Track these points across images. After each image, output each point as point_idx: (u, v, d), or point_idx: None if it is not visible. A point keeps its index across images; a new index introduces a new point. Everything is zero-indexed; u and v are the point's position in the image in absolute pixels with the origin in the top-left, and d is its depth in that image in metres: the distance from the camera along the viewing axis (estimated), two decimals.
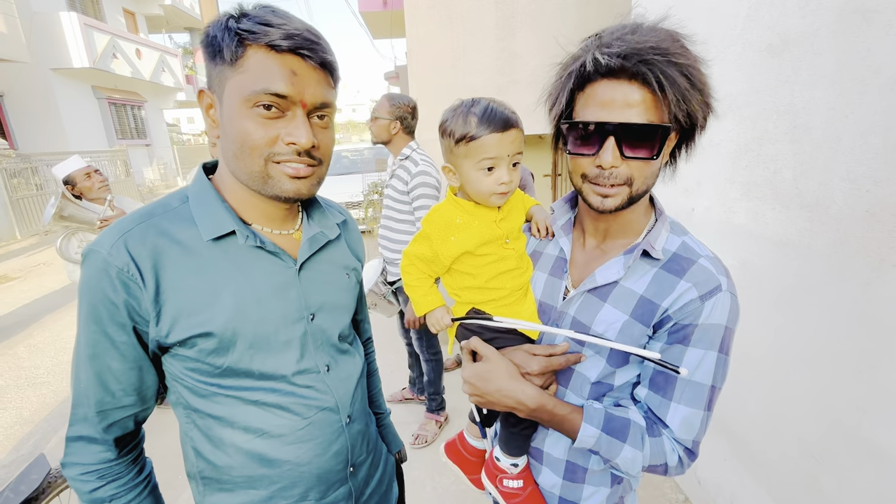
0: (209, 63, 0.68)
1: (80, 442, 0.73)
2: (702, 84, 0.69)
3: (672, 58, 0.66)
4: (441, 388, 2.72)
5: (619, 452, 0.76)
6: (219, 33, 0.65)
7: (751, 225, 1.63)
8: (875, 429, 1.22)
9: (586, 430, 0.77)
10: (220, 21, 0.66)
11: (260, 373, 0.76)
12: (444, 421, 2.77)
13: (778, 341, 1.52)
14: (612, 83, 0.70)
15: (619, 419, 0.78)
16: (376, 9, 7.04)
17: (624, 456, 0.76)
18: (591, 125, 0.71)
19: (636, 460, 0.76)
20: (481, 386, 0.81)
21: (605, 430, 0.77)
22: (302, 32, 0.65)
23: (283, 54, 0.65)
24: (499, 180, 0.82)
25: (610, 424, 0.77)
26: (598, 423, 0.77)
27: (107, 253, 0.67)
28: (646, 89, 0.68)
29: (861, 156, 1.22)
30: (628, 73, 0.68)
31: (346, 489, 0.88)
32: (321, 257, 0.84)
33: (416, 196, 2.21)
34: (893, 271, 1.16)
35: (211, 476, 0.80)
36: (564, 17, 3.34)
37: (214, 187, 0.76)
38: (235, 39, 0.64)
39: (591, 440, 0.77)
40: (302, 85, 0.66)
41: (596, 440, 0.76)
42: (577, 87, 0.75)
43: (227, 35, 0.64)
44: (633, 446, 0.76)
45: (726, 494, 1.86)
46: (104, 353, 0.70)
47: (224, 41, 0.64)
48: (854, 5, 1.21)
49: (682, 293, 0.74)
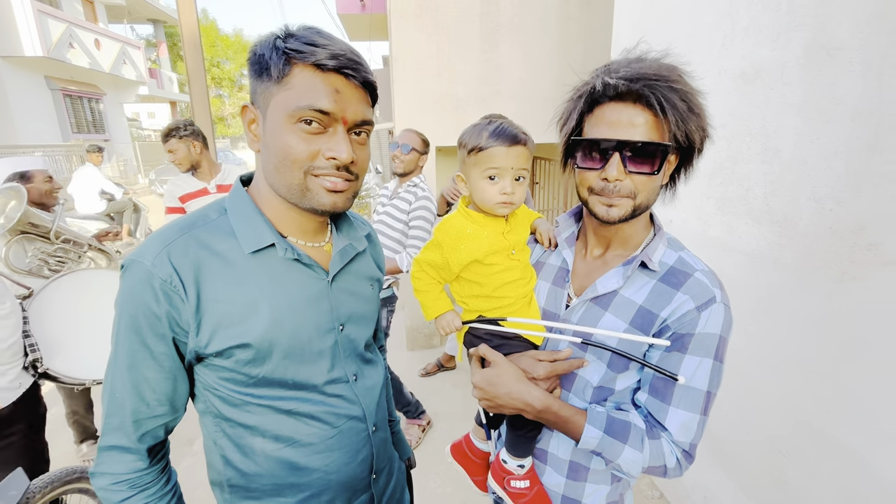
0: (255, 80, 0.70)
1: (114, 451, 0.73)
2: (699, 109, 0.77)
3: (672, 84, 0.74)
4: (408, 398, 2.73)
5: (621, 453, 0.81)
6: (266, 52, 0.67)
7: (725, 237, 1.76)
8: (838, 427, 1.34)
9: (589, 431, 0.81)
10: (267, 41, 0.68)
11: (293, 382, 0.77)
12: (427, 425, 2.79)
13: (749, 347, 1.64)
14: (618, 105, 0.77)
15: (621, 422, 0.83)
16: (355, 12, 7.01)
17: (625, 457, 0.81)
18: (600, 142, 0.78)
19: (636, 461, 0.81)
20: (491, 390, 0.85)
21: (608, 431, 0.81)
22: (346, 53, 0.68)
23: (328, 73, 0.67)
24: (502, 190, 0.88)
25: (612, 427, 0.82)
26: (600, 425, 0.82)
27: (150, 264, 0.67)
28: (649, 112, 0.75)
29: (825, 178, 1.34)
30: (633, 96, 0.75)
31: (369, 495, 0.90)
32: (349, 269, 0.86)
33: (414, 217, 2.35)
34: (853, 283, 1.28)
35: (239, 484, 0.81)
36: (545, 32, 3.46)
37: (252, 199, 0.77)
38: (283, 58, 0.66)
39: (594, 441, 0.81)
40: (344, 102, 0.69)
41: (598, 441, 0.81)
42: (586, 109, 0.82)
43: (274, 54, 0.66)
44: (634, 448, 0.81)
45: (700, 490, 1.97)
46: (142, 363, 0.70)
47: (272, 59, 0.66)
48: (820, 42, 1.34)
49: (680, 304, 0.81)
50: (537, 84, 3.53)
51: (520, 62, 3.47)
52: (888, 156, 1.17)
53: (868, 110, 1.22)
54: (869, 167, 1.22)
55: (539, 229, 1.00)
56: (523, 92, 3.53)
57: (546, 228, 1.00)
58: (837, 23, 1.29)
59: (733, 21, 1.65)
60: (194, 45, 4.04)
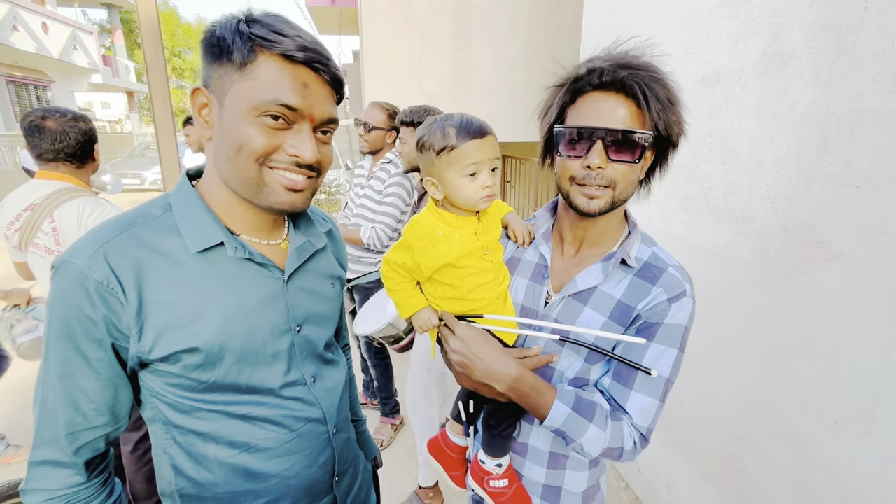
0: (210, 63, 0.66)
1: (46, 466, 0.68)
2: (677, 101, 0.80)
3: (655, 74, 0.77)
4: (393, 391, 2.73)
5: (585, 432, 0.82)
6: (228, 35, 0.63)
7: (687, 235, 1.82)
8: (790, 416, 1.42)
9: (558, 407, 0.82)
10: (229, 23, 0.64)
11: (247, 386, 0.74)
12: (400, 424, 2.77)
13: (707, 339, 1.71)
14: (601, 94, 0.79)
15: (588, 401, 0.85)
16: (324, 4, 6.86)
17: (588, 435, 0.82)
18: (583, 129, 0.79)
19: (599, 440, 0.83)
20: (468, 353, 0.85)
21: (575, 409, 0.83)
22: (315, 46, 0.65)
23: (297, 66, 0.64)
24: (483, 184, 0.86)
25: (580, 405, 0.83)
26: (569, 402, 0.83)
27: (84, 265, 0.62)
28: (631, 102, 0.77)
29: (779, 178, 1.42)
30: (616, 86, 0.77)
31: (331, 498, 0.88)
32: (307, 267, 0.83)
33: (387, 194, 2.33)
34: (803, 279, 1.36)
35: (191, 493, 0.77)
36: (516, 31, 3.49)
37: (199, 195, 0.73)
38: (248, 44, 0.63)
39: (562, 418, 0.82)
40: (312, 99, 0.66)
41: (566, 418, 0.82)
42: (569, 100, 0.83)
43: (238, 38, 0.63)
44: (598, 427, 0.82)
45: (663, 478, 2.05)
46: (76, 371, 0.65)
47: (235, 44, 0.63)
48: (775, 49, 1.41)
49: (654, 297, 0.84)
50: (508, 83, 3.56)
51: (491, 60, 3.49)
52: (835, 158, 1.24)
53: (817, 115, 1.29)
54: (818, 169, 1.29)
55: (511, 225, 0.99)
56: (494, 90, 3.56)
57: (518, 224, 0.99)
58: (790, 32, 1.36)
59: (695, 27, 1.72)
60: (153, 31, 3.84)
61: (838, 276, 1.25)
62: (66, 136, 1.59)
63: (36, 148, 1.59)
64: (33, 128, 1.58)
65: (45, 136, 1.58)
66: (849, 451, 1.25)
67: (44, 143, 1.58)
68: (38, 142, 1.58)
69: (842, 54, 1.21)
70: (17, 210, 1.60)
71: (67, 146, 1.60)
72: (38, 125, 1.57)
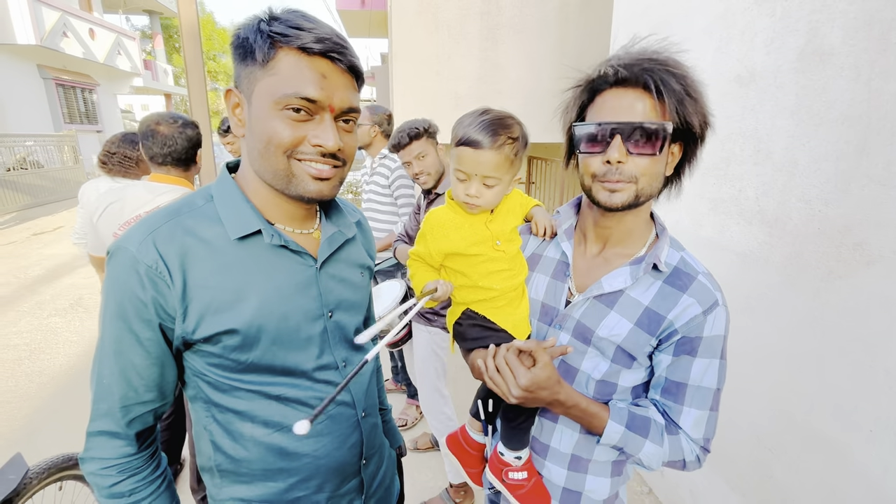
0: (239, 64, 0.70)
1: (102, 437, 0.73)
2: (696, 94, 0.79)
3: (669, 68, 0.76)
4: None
5: (642, 448, 0.83)
6: (251, 35, 0.66)
7: (717, 237, 1.79)
8: (824, 421, 1.38)
9: (612, 427, 0.83)
10: (251, 24, 0.67)
11: (282, 368, 0.78)
12: None
13: (739, 344, 1.68)
14: (618, 91, 0.79)
15: (641, 417, 0.84)
16: (354, 8, 7.00)
17: (646, 451, 0.83)
18: (600, 125, 0.79)
19: (657, 455, 0.83)
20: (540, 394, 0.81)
21: (629, 427, 0.83)
22: (332, 37, 0.67)
23: (314, 57, 0.67)
24: (465, 190, 0.88)
25: (633, 422, 0.84)
26: (622, 420, 0.83)
27: (135, 250, 0.67)
28: (648, 96, 0.77)
29: (815, 180, 1.38)
30: (632, 82, 0.77)
31: (358, 481, 0.91)
32: (338, 256, 0.87)
33: (396, 187, 2.52)
34: (839, 282, 1.32)
35: (228, 469, 0.81)
36: (546, 32, 3.49)
37: (238, 186, 0.78)
38: (268, 42, 0.66)
39: (617, 436, 0.83)
40: (331, 89, 0.68)
41: (621, 436, 0.83)
42: (588, 99, 0.84)
43: (259, 37, 0.66)
44: (654, 442, 0.83)
45: (686, 484, 2.01)
46: (129, 349, 0.70)
47: (256, 43, 0.66)
48: (813, 47, 1.38)
49: (687, 308, 0.82)
50: (536, 84, 3.56)
51: (519, 61, 3.50)
52: (875, 159, 1.21)
53: (857, 115, 1.26)
54: (857, 170, 1.26)
55: (535, 218, 0.98)
56: (522, 91, 3.57)
57: (542, 218, 0.98)
58: (829, 29, 1.33)
59: (729, 25, 1.69)
60: (193, 36, 4.02)
61: (878, 279, 1.21)
62: (174, 141, 1.70)
63: (149, 150, 1.70)
64: (148, 132, 1.69)
65: (156, 139, 1.68)
66: (887, 460, 1.21)
67: (155, 147, 1.69)
68: (150, 145, 1.69)
69: (884, 51, 1.18)
70: (137, 211, 1.68)
71: (175, 151, 1.70)
72: (152, 130, 1.68)
